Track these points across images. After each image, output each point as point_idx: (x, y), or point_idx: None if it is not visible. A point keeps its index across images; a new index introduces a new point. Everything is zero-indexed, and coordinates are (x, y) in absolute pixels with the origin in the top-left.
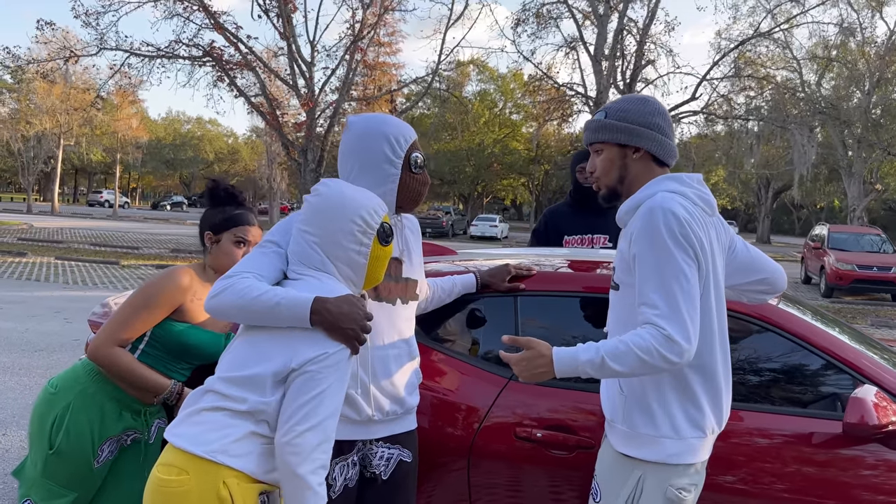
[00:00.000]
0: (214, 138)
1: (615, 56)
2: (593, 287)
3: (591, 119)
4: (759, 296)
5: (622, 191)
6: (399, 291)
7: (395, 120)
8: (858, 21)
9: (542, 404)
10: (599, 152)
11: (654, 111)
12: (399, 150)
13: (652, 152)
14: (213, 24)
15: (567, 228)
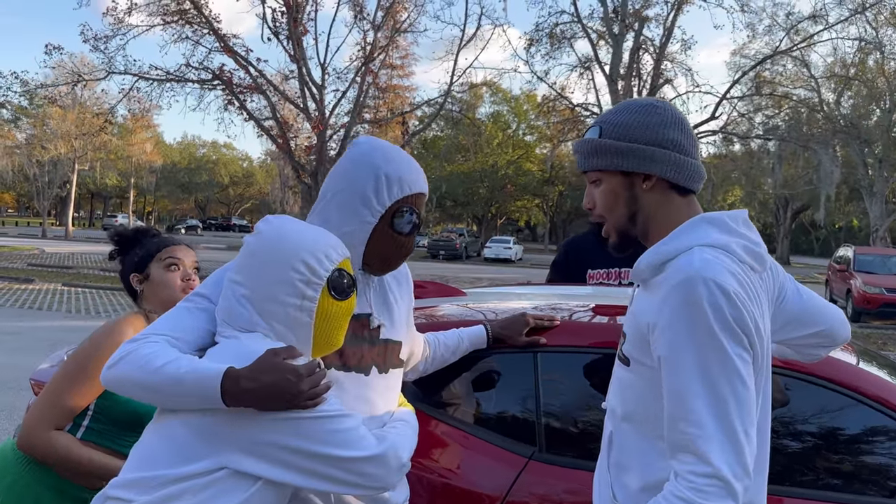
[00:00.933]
0: (229, 162)
1: (631, 75)
2: None
3: (581, 139)
4: (814, 350)
5: (636, 232)
6: (374, 357)
7: (403, 160)
8: (878, 38)
9: (573, 491)
10: (597, 182)
11: (665, 122)
12: (385, 197)
13: (669, 179)
14: (222, 47)
15: (591, 261)
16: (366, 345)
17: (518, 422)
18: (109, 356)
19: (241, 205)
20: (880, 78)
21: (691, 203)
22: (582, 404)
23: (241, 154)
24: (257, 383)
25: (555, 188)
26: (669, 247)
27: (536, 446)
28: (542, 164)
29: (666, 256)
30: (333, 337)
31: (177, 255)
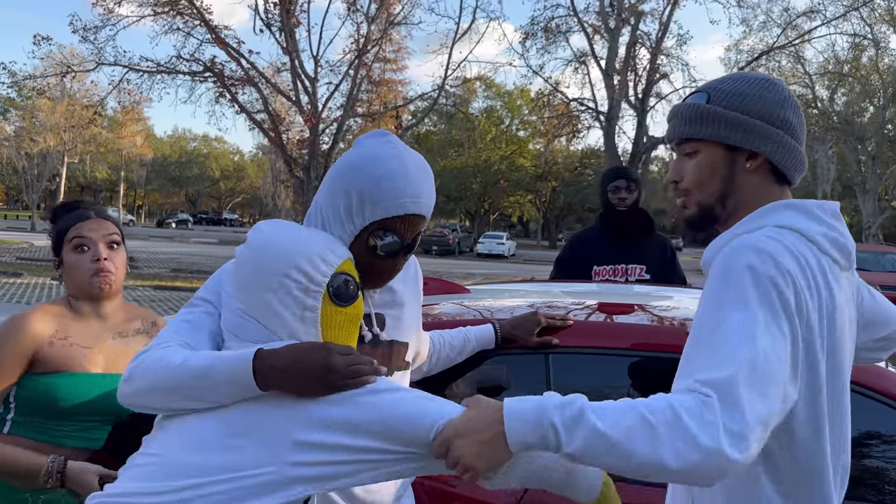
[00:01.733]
0: (220, 156)
1: (627, 70)
2: (651, 343)
3: (683, 103)
4: (874, 354)
5: (722, 215)
6: (378, 359)
7: (394, 176)
8: (872, 35)
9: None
10: (692, 154)
11: (783, 100)
12: (357, 218)
13: (776, 162)
14: (213, 38)
15: (597, 257)
16: (368, 346)
17: None
18: (10, 348)
19: (232, 199)
20: (874, 75)
21: (786, 194)
22: None
23: (232, 148)
24: (290, 360)
25: (548, 184)
26: (741, 229)
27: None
28: (536, 160)
29: (731, 238)
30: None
31: (84, 234)
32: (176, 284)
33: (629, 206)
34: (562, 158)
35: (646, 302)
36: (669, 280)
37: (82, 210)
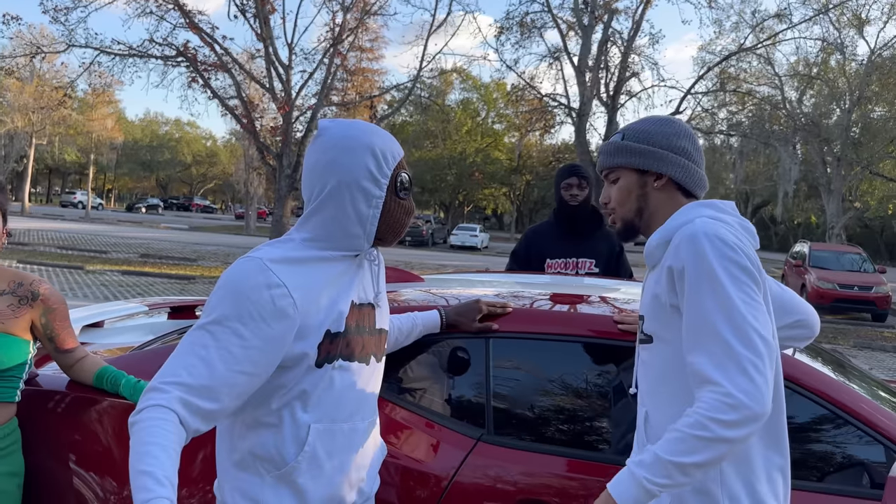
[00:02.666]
0: (192, 141)
1: (599, 68)
2: (581, 329)
3: (607, 142)
4: (793, 342)
5: (640, 225)
6: (373, 347)
7: (380, 130)
8: (840, 39)
9: (516, 471)
10: (615, 181)
11: (679, 132)
12: (386, 169)
13: (676, 180)
14: (187, 23)
15: (550, 251)
16: (367, 335)
17: (468, 405)
18: None
19: (203, 184)
20: (841, 78)
21: None
22: (531, 389)
23: (204, 133)
24: None
25: (522, 177)
26: (671, 224)
27: (485, 429)
28: (510, 153)
29: (670, 232)
30: None
31: None
32: (145, 270)
33: (580, 203)
34: (536, 152)
35: (592, 292)
36: (617, 273)
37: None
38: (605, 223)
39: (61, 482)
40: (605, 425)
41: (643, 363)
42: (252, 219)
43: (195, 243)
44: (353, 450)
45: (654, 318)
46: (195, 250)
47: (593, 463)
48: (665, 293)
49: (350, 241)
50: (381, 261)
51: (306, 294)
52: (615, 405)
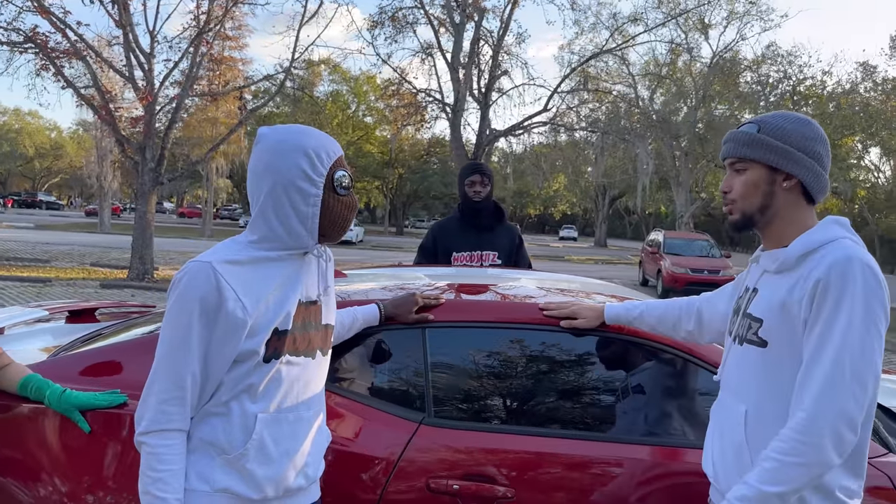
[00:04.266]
0: (35, 132)
1: (471, 65)
2: (510, 317)
3: (738, 130)
4: None
5: (760, 221)
6: (319, 342)
7: (317, 132)
8: (687, 42)
9: (459, 450)
10: (741, 171)
11: (816, 136)
12: (321, 168)
13: (806, 184)
14: (36, 6)
15: (456, 244)
16: (313, 331)
17: (409, 391)
18: None
19: (48, 179)
20: (688, 78)
21: (812, 210)
22: (466, 374)
23: (48, 123)
24: None
25: (395, 171)
26: (814, 238)
27: (426, 412)
28: (382, 147)
29: (812, 245)
30: None
31: None
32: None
33: (483, 199)
34: (408, 146)
35: (497, 282)
36: (517, 264)
37: None
38: (506, 217)
39: None
40: (533, 402)
41: (750, 363)
42: (106, 215)
43: (45, 243)
44: (299, 438)
45: (777, 325)
46: (46, 250)
47: (527, 437)
48: (800, 306)
49: (295, 239)
50: (330, 257)
51: (255, 297)
52: (542, 384)
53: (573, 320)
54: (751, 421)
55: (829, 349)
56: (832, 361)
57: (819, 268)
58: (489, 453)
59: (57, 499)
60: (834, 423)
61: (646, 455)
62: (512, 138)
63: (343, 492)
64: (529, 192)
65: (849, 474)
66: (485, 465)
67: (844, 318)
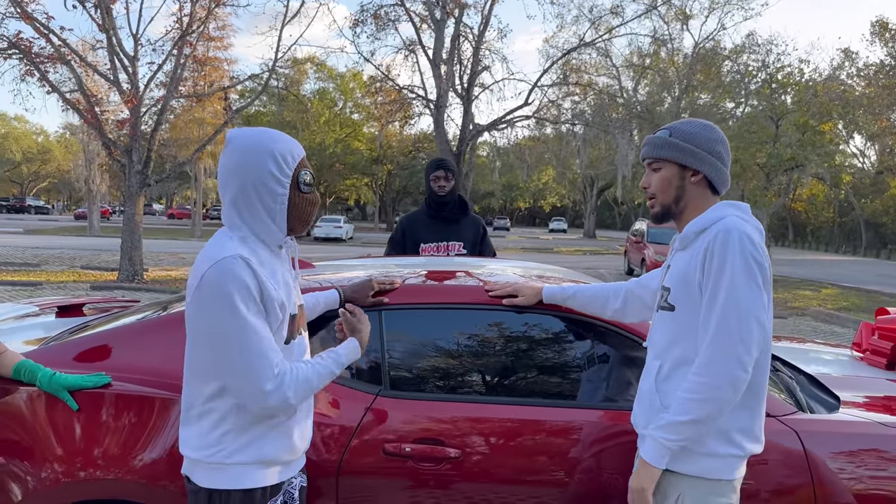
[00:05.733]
0: (21, 136)
1: (453, 61)
2: (456, 299)
3: (654, 136)
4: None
5: (675, 211)
6: (302, 321)
7: (282, 135)
8: (668, 33)
9: (413, 418)
10: (657, 170)
11: (718, 139)
12: (287, 169)
13: (710, 178)
14: (19, 12)
15: (423, 236)
16: (299, 312)
17: (367, 367)
18: None
19: (36, 184)
20: (671, 68)
21: (717, 200)
22: (418, 351)
23: (35, 128)
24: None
25: (383, 167)
26: (706, 217)
27: (382, 385)
28: (370, 143)
29: (705, 224)
30: None
31: None
32: None
33: (447, 192)
34: (396, 142)
35: (463, 269)
36: (482, 253)
37: None
38: (470, 210)
39: None
40: (479, 374)
41: (663, 325)
42: (95, 218)
43: (35, 247)
44: (307, 408)
45: (680, 291)
46: (36, 254)
47: (472, 404)
48: (696, 272)
49: (268, 234)
50: (293, 245)
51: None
52: (486, 357)
53: (514, 298)
54: (662, 371)
55: (718, 303)
56: (720, 313)
57: (707, 239)
58: (439, 420)
59: (50, 471)
60: (727, 363)
61: (574, 417)
62: (496, 132)
63: (309, 458)
64: (518, 186)
65: (745, 413)
66: (435, 430)
67: (727, 277)
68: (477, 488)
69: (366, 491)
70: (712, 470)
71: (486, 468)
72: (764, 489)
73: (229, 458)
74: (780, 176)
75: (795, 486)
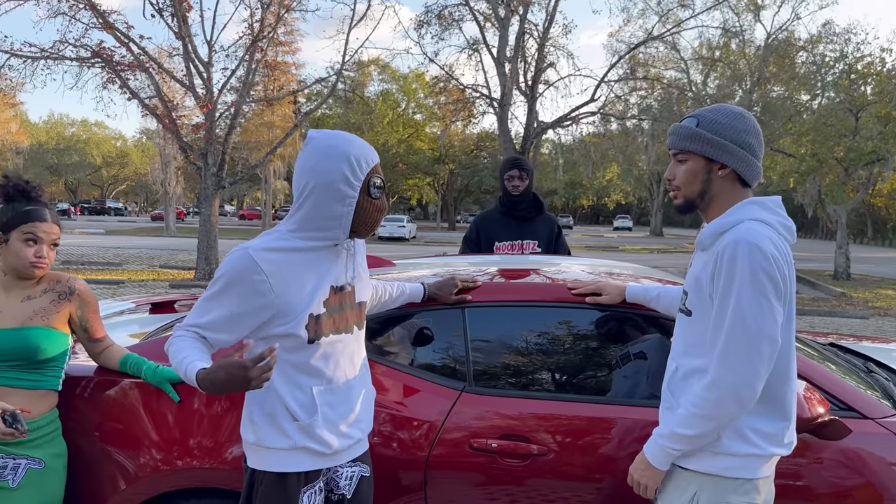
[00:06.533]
0: (102, 141)
1: (517, 59)
2: (538, 296)
3: (680, 125)
4: None
5: (700, 205)
6: (354, 318)
7: (360, 141)
8: (739, 24)
9: (497, 414)
10: (683, 161)
11: (749, 129)
12: (359, 173)
13: (739, 172)
14: (101, 23)
15: (498, 235)
16: (348, 310)
17: (452, 363)
18: None
19: (115, 186)
20: (742, 60)
21: (747, 194)
22: (501, 348)
23: (114, 133)
24: (215, 382)
25: (445, 166)
26: (725, 220)
27: (467, 381)
28: (433, 143)
29: (723, 227)
30: None
31: (37, 233)
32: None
33: (522, 192)
34: (458, 141)
35: (538, 268)
36: (557, 252)
37: (40, 209)
38: (544, 209)
39: (93, 458)
40: (562, 372)
41: (681, 328)
42: (171, 219)
43: (116, 247)
44: (352, 401)
45: (695, 297)
46: (118, 254)
47: (555, 402)
48: (707, 282)
49: (327, 232)
50: (359, 247)
51: (284, 281)
52: (570, 356)
53: (597, 296)
54: (677, 374)
55: (726, 321)
56: (727, 332)
57: (718, 249)
58: (523, 417)
59: (150, 459)
60: (733, 384)
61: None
62: (560, 130)
63: (397, 450)
64: (581, 183)
65: (762, 417)
66: (520, 426)
67: (734, 294)
68: (562, 485)
69: (453, 485)
70: (730, 468)
71: (570, 466)
72: (865, 495)
73: (266, 440)
74: (859, 170)
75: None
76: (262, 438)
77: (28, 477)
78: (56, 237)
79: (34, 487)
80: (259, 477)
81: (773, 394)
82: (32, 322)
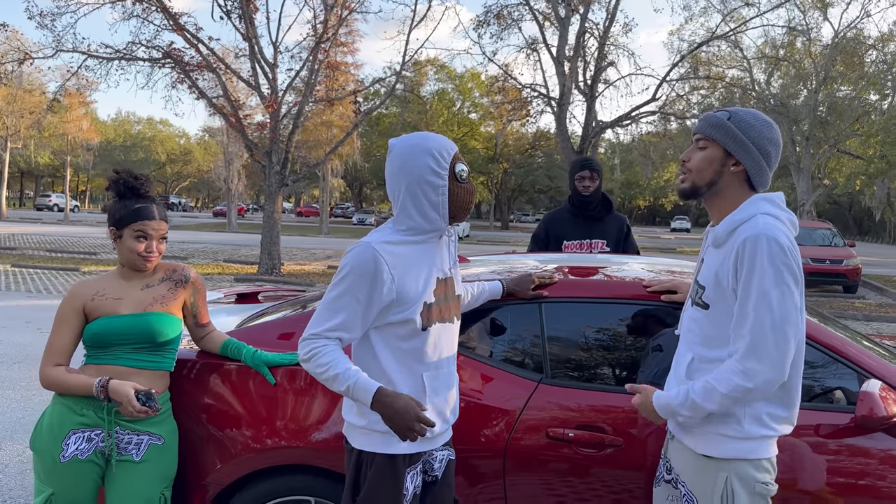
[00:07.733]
0: (166, 139)
1: (577, 58)
2: (613, 293)
3: (712, 114)
4: None
5: (705, 194)
6: (454, 309)
7: (435, 135)
8: (805, 21)
9: (573, 405)
10: (703, 148)
11: (773, 139)
12: (444, 162)
13: (750, 173)
14: (172, 25)
15: (567, 234)
16: (452, 301)
17: (530, 356)
18: (64, 308)
19: (178, 183)
20: (807, 59)
21: (750, 196)
22: (576, 342)
23: (178, 131)
24: (390, 411)
25: (499, 166)
26: (738, 216)
27: (543, 373)
28: (487, 142)
29: (737, 223)
30: None
31: (147, 231)
32: None
33: (592, 192)
34: (513, 141)
35: (607, 266)
36: (625, 251)
37: (149, 207)
38: (613, 208)
39: (199, 436)
40: (634, 367)
41: (696, 321)
42: (234, 215)
43: (180, 242)
44: (450, 388)
45: (713, 291)
46: (182, 248)
47: (630, 395)
48: (727, 277)
49: (432, 224)
50: (455, 236)
51: (402, 271)
52: (642, 351)
53: (672, 294)
54: (693, 364)
55: (750, 311)
56: (754, 323)
57: (736, 244)
58: (598, 409)
59: (246, 439)
60: (766, 372)
61: None
62: (619, 129)
63: (476, 437)
64: (638, 183)
65: (776, 405)
66: (596, 418)
67: (757, 284)
68: (634, 476)
69: (530, 471)
70: (752, 450)
71: (643, 457)
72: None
73: (377, 425)
74: None
75: None
76: (373, 422)
77: (150, 452)
78: (164, 232)
79: (155, 461)
80: (367, 458)
81: (789, 383)
82: (153, 308)
